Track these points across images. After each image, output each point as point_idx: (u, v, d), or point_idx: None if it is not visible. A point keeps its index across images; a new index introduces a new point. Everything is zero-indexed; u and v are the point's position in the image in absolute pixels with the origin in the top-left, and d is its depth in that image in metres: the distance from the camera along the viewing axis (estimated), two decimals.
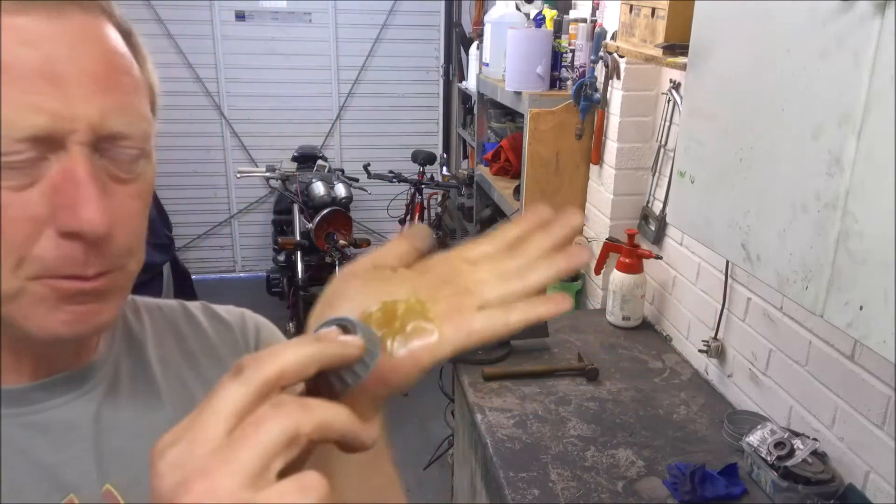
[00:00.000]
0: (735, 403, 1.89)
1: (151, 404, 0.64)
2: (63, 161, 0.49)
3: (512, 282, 0.47)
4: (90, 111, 0.50)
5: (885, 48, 0.86)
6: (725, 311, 1.91)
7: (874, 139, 0.89)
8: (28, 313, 0.52)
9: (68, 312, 0.52)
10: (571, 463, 1.62)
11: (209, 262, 5.11)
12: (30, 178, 0.49)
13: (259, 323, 0.76)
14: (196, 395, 0.67)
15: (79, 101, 0.49)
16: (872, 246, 0.90)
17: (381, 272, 0.48)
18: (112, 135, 0.51)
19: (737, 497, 1.52)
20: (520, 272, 0.47)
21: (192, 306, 0.73)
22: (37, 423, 0.57)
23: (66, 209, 0.49)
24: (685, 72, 1.38)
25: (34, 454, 0.56)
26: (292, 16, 4.73)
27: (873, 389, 1.39)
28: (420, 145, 4.73)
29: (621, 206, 2.37)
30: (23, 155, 0.48)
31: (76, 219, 0.49)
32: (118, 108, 0.51)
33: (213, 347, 0.71)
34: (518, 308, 0.45)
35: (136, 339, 0.67)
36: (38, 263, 0.50)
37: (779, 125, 1.08)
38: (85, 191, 0.49)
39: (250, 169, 4.13)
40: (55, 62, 0.48)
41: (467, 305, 0.45)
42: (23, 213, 0.49)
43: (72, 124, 0.49)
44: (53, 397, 0.58)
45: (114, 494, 0.59)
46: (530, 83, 2.51)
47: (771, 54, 1.09)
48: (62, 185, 0.49)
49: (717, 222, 1.26)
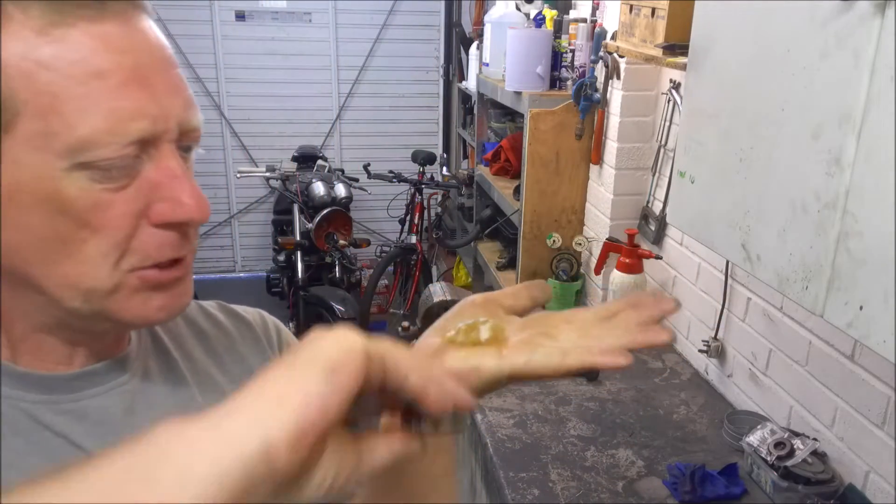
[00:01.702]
0: (735, 403, 1.89)
1: (183, 396, 0.65)
2: (156, 159, 0.53)
3: (588, 339, 0.52)
4: (177, 110, 0.54)
5: (885, 48, 0.86)
6: (725, 311, 1.91)
7: (874, 139, 0.89)
8: (125, 305, 0.55)
9: (160, 298, 0.56)
10: (571, 463, 1.62)
11: (209, 262, 5.10)
12: (129, 178, 0.52)
13: (277, 323, 0.79)
14: (226, 389, 0.69)
15: (166, 102, 0.53)
16: (872, 246, 0.90)
17: (495, 308, 0.56)
18: (190, 128, 0.56)
19: (737, 497, 1.52)
20: (600, 335, 0.52)
21: (207, 304, 0.75)
22: (73, 410, 0.58)
23: (168, 202, 0.54)
24: (685, 72, 1.38)
25: (74, 439, 0.58)
26: (292, 16, 4.73)
27: (873, 389, 1.39)
28: (420, 145, 4.72)
29: (621, 206, 2.37)
30: (127, 157, 0.51)
31: (184, 210, 0.54)
32: (189, 103, 0.56)
33: (234, 344, 0.72)
34: (577, 352, 0.50)
35: (157, 335, 0.68)
36: (137, 255, 0.54)
37: (779, 125, 1.08)
38: (183, 184, 0.54)
39: (250, 169, 4.13)
40: (142, 67, 0.52)
41: (539, 342, 0.52)
42: (126, 210, 0.52)
43: (166, 125, 0.53)
44: (93, 385, 0.60)
45: None
46: (530, 83, 2.51)
47: (771, 54, 1.09)
48: (162, 181, 0.53)
49: (717, 222, 1.26)
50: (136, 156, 0.52)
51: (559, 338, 0.52)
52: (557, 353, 0.50)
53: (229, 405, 0.37)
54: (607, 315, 0.54)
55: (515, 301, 0.56)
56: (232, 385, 0.69)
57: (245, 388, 0.38)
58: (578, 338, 0.52)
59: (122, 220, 0.52)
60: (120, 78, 0.50)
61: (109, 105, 0.50)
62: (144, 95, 0.51)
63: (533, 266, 2.62)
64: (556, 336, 0.52)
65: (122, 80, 0.50)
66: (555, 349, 0.51)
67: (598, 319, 0.53)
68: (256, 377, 0.38)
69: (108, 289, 0.54)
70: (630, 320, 0.52)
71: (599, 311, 0.54)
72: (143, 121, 0.51)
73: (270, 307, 0.91)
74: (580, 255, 2.61)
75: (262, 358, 0.73)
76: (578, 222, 2.60)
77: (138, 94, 0.51)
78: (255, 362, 0.72)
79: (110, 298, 0.54)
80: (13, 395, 0.57)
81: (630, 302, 0.54)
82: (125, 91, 0.50)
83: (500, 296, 0.57)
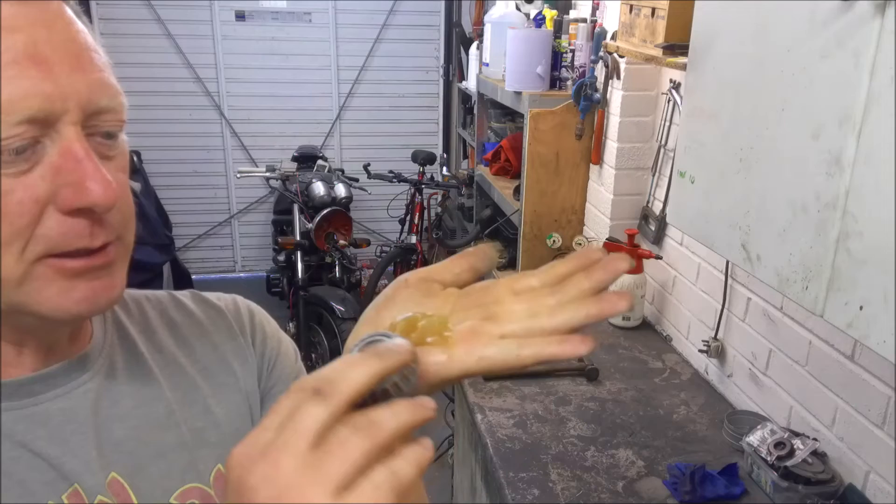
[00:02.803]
0: (735, 403, 1.89)
1: (150, 393, 0.64)
2: (58, 143, 0.51)
3: (540, 318, 0.47)
4: (79, 90, 0.51)
5: (885, 48, 0.86)
6: (725, 311, 1.91)
7: (874, 139, 0.89)
8: (40, 296, 0.53)
9: (81, 290, 0.54)
10: (571, 463, 1.62)
11: (209, 262, 5.10)
12: (29, 162, 0.50)
13: (252, 307, 0.77)
14: (196, 379, 0.68)
15: (66, 81, 0.50)
16: (872, 246, 0.90)
17: (430, 286, 0.50)
18: (98, 110, 0.53)
19: (737, 497, 1.52)
20: (551, 310, 0.47)
21: (180, 294, 0.74)
22: (35, 414, 0.57)
23: (71, 187, 0.51)
24: (685, 72, 1.38)
25: (35, 446, 0.56)
26: (292, 16, 4.73)
27: (873, 389, 1.39)
28: (420, 145, 4.72)
29: (621, 206, 2.37)
30: (21, 139, 0.49)
31: (86, 194, 0.50)
32: (99, 84, 0.53)
33: (206, 332, 0.71)
34: (533, 344, 0.46)
35: (125, 329, 0.67)
36: (42, 243, 0.51)
37: (779, 125, 1.08)
38: (87, 167, 0.51)
39: (250, 169, 4.12)
40: (38, 45, 0.49)
41: (487, 331, 0.47)
42: (25, 196, 0.50)
43: (64, 104, 0.50)
44: (52, 388, 0.59)
45: (120, 482, 0.59)
46: (530, 83, 2.51)
47: (771, 54, 1.09)
48: (64, 165, 0.50)
49: (717, 222, 1.26)
50: (35, 139, 0.50)
51: (507, 320, 0.47)
52: (512, 346, 0.46)
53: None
54: (555, 279, 0.49)
55: (454, 275, 0.51)
56: (202, 374, 0.69)
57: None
58: (528, 317, 0.47)
59: (22, 206, 0.50)
60: (10, 56, 0.48)
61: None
62: (37, 73, 0.49)
63: (533, 266, 2.61)
64: (503, 318, 0.47)
65: (12, 59, 0.48)
66: (509, 343, 0.46)
67: (546, 287, 0.48)
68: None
69: (16, 279, 0.51)
70: (582, 286, 0.47)
71: (547, 275, 0.49)
72: (34, 99, 0.48)
73: (270, 307, 0.91)
74: None
75: (235, 344, 0.72)
76: (578, 222, 2.60)
77: (29, 71, 0.48)
78: (227, 349, 0.71)
79: (22, 290, 0.52)
80: None
81: (580, 262, 0.49)
82: (14, 69, 0.48)
83: (436, 271, 0.51)
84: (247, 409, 0.70)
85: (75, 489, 0.57)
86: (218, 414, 0.68)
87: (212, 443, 0.66)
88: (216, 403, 0.68)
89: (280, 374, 0.74)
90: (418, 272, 0.52)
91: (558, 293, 0.48)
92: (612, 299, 0.47)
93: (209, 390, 0.68)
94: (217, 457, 0.66)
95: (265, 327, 0.76)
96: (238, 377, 0.71)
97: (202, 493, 0.64)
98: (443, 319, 0.47)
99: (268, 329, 0.76)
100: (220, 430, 0.67)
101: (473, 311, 0.48)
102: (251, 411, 0.71)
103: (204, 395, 0.68)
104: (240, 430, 0.68)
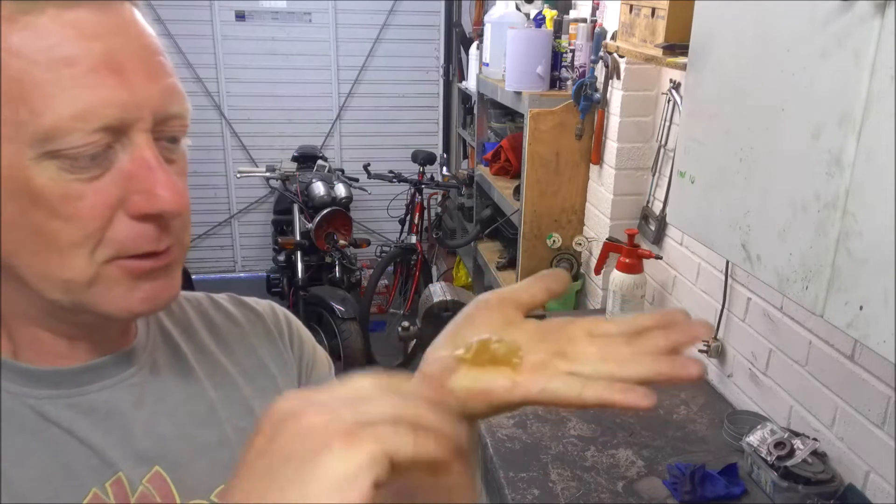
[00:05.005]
0: (735, 403, 1.89)
1: (193, 390, 0.65)
2: (129, 149, 0.52)
3: (609, 364, 0.47)
4: (152, 98, 0.52)
5: (885, 48, 0.86)
6: (725, 311, 1.91)
7: (874, 139, 0.89)
8: (107, 297, 0.54)
9: (144, 290, 0.55)
10: (571, 463, 1.62)
11: (209, 262, 5.10)
12: (101, 168, 0.51)
13: (288, 314, 0.78)
14: (237, 380, 0.69)
15: (140, 89, 0.51)
16: (872, 246, 0.90)
17: (510, 310, 0.51)
18: (169, 117, 0.54)
19: (737, 497, 1.52)
20: (623, 360, 0.47)
21: (218, 297, 0.75)
22: (80, 404, 0.59)
23: (143, 194, 0.52)
24: (685, 72, 1.38)
25: (80, 434, 0.58)
26: (292, 16, 4.73)
27: (873, 389, 1.39)
28: (420, 145, 4.72)
29: (621, 206, 2.37)
30: (96, 146, 0.50)
31: (156, 201, 0.52)
32: (169, 91, 0.54)
33: (246, 335, 0.72)
34: (596, 386, 0.46)
35: (166, 328, 0.68)
36: (112, 246, 0.53)
37: (779, 125, 1.08)
38: (159, 175, 0.52)
39: (250, 169, 4.12)
40: (115, 53, 0.50)
41: (555, 366, 0.47)
42: (98, 201, 0.51)
43: (138, 112, 0.51)
44: (99, 380, 0.60)
45: (163, 476, 0.61)
46: (530, 83, 2.51)
47: (771, 54, 1.09)
48: (135, 172, 0.52)
49: (717, 222, 1.26)
50: (108, 145, 0.51)
51: (578, 360, 0.47)
52: (577, 384, 0.46)
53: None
54: (633, 331, 0.49)
55: (531, 297, 0.52)
56: (244, 376, 0.70)
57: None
58: (599, 361, 0.47)
59: (94, 210, 0.51)
60: (89, 64, 0.49)
61: (75, 92, 0.49)
62: (114, 82, 0.50)
63: (533, 266, 2.62)
64: (574, 357, 0.48)
65: (91, 67, 0.49)
66: (574, 380, 0.46)
67: (622, 336, 0.49)
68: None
69: (85, 280, 0.53)
70: (658, 343, 0.48)
71: (626, 325, 0.49)
72: (111, 108, 0.50)
73: None
74: (580, 255, 2.61)
75: (274, 349, 0.73)
76: (578, 222, 2.60)
77: (107, 80, 0.49)
78: (266, 353, 0.72)
79: (90, 290, 0.54)
80: (19, 392, 0.57)
81: (661, 320, 0.49)
82: (93, 78, 0.49)
83: (514, 293, 0.52)
84: None
85: (118, 477, 0.58)
86: (259, 415, 0.69)
87: None
88: (258, 405, 0.69)
89: (317, 380, 0.76)
90: (499, 293, 0.53)
91: (633, 344, 0.48)
92: (685, 363, 0.47)
93: (250, 391, 0.69)
94: None
95: (301, 334, 0.77)
96: (277, 380, 0.72)
97: None
98: (515, 346, 0.48)
99: (304, 336, 0.77)
100: None
101: (546, 346, 0.49)
102: None
103: (245, 396, 0.69)
104: None
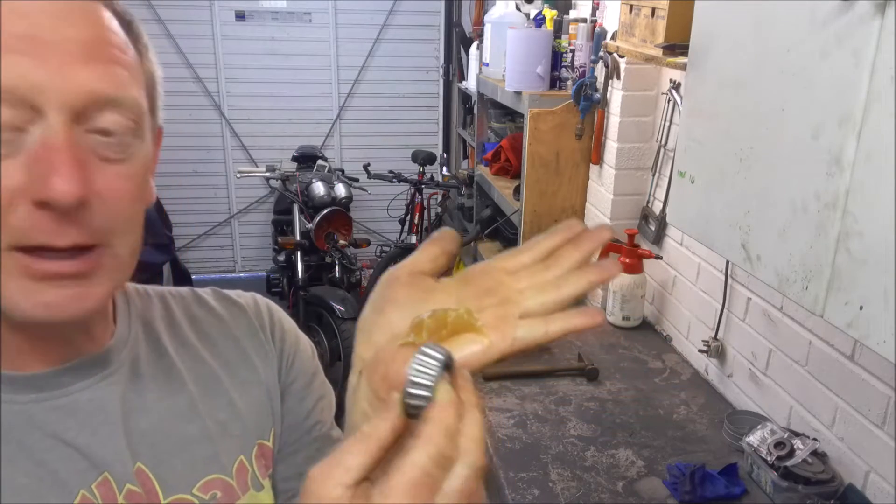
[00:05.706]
0: (735, 403, 1.89)
1: (174, 386, 0.66)
2: (42, 132, 0.50)
3: (549, 292, 0.49)
4: (72, 80, 0.50)
5: (885, 48, 0.86)
6: (725, 311, 1.91)
7: (874, 139, 0.89)
8: (6, 290, 0.51)
9: (50, 296, 0.52)
10: (571, 463, 1.62)
11: (209, 262, 5.10)
12: (11, 148, 0.49)
13: (270, 305, 0.79)
14: (219, 373, 0.69)
15: (59, 69, 0.49)
16: (872, 246, 0.90)
17: (423, 280, 0.50)
18: (100, 104, 0.51)
19: (737, 497, 1.52)
20: (555, 283, 0.49)
21: (202, 291, 0.75)
22: (65, 405, 0.58)
23: (40, 178, 0.49)
24: (685, 72, 1.38)
25: (67, 436, 0.58)
26: (292, 16, 4.73)
27: (873, 389, 1.39)
28: (420, 145, 4.72)
29: (621, 206, 2.37)
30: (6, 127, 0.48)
31: (47, 188, 0.49)
32: (102, 76, 0.52)
33: (228, 328, 0.73)
34: (557, 319, 0.48)
35: (149, 324, 0.68)
36: (12, 233, 0.50)
37: (779, 125, 1.08)
38: (59, 159, 0.49)
39: (250, 169, 4.12)
40: (40, 31, 0.49)
41: (510, 315, 0.48)
42: (2, 183, 0.49)
43: (55, 94, 0.49)
44: (79, 380, 0.60)
45: (146, 472, 0.61)
46: (530, 83, 2.51)
47: (771, 54, 1.09)
48: (41, 155, 0.49)
49: (717, 222, 1.26)
50: (19, 127, 0.49)
51: (519, 300, 0.48)
52: (539, 324, 0.48)
53: None
54: (543, 254, 0.51)
55: (433, 262, 0.51)
56: (225, 369, 0.70)
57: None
58: (538, 293, 0.48)
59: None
60: (7, 39, 0.48)
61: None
62: (28, 61, 0.48)
63: None
64: (515, 299, 0.49)
65: (8, 41, 0.48)
66: (535, 321, 0.48)
67: (537, 263, 0.50)
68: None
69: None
70: (573, 257, 0.50)
71: (536, 251, 0.51)
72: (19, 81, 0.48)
73: None
74: None
75: (256, 341, 0.74)
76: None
77: (19, 58, 0.48)
78: (248, 345, 0.73)
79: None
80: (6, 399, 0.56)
81: (564, 235, 0.51)
82: (10, 55, 0.48)
83: (418, 264, 0.51)
84: (268, 402, 0.72)
85: (105, 477, 0.58)
86: (240, 407, 0.69)
87: (234, 435, 0.68)
88: (238, 397, 0.70)
89: (299, 369, 0.76)
90: (403, 267, 0.51)
91: (553, 267, 0.50)
92: (607, 265, 0.50)
93: (231, 384, 0.70)
94: (239, 448, 0.68)
95: (283, 324, 0.78)
96: (259, 372, 0.72)
97: (224, 483, 0.66)
98: (468, 311, 0.48)
99: (286, 326, 0.78)
100: (243, 423, 0.69)
101: (485, 299, 0.49)
102: (272, 405, 0.73)
103: (226, 389, 0.69)
104: (261, 423, 0.71)
